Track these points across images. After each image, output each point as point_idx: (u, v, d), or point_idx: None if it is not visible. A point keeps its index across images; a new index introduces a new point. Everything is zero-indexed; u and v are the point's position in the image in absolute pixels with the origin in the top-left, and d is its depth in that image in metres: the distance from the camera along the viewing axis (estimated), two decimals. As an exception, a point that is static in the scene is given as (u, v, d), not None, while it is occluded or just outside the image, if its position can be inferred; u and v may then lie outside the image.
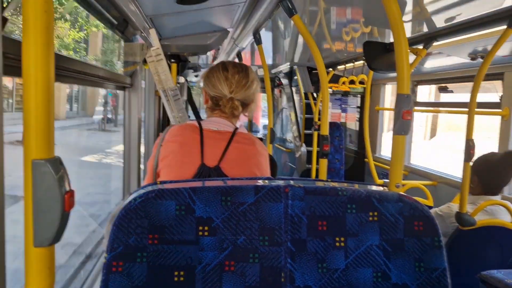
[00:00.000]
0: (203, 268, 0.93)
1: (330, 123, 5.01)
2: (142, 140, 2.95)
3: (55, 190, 0.61)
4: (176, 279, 0.91)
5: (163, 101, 2.50)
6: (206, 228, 0.93)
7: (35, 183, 0.60)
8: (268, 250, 0.95)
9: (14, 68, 0.87)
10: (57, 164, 0.62)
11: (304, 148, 4.89)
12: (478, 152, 2.18)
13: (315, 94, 4.87)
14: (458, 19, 2.12)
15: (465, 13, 2.01)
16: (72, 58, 1.52)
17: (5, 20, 0.81)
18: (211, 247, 0.93)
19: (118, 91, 2.68)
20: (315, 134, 4.24)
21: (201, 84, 1.59)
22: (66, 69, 1.44)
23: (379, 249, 0.98)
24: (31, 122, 0.60)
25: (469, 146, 2.10)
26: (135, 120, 2.58)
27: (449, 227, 2.14)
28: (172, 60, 3.17)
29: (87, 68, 1.70)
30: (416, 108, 4.08)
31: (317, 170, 3.13)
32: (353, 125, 5.42)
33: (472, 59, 2.67)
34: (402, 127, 1.13)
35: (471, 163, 2.14)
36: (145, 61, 2.53)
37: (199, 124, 1.47)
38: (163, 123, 3.79)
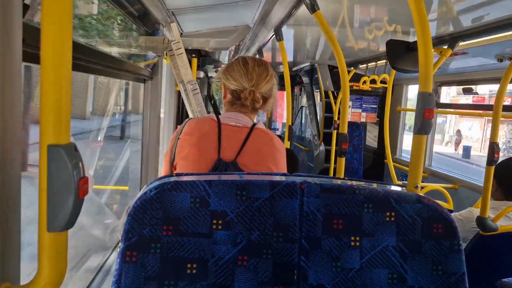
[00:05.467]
0: (216, 262, 0.92)
1: (350, 123, 4.96)
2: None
3: (69, 176, 0.61)
4: (189, 271, 0.91)
5: (182, 95, 2.51)
6: (220, 221, 0.93)
7: (50, 168, 0.61)
8: (281, 247, 0.93)
9: (33, 54, 0.88)
10: (72, 150, 0.62)
11: (322, 147, 4.85)
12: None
13: (335, 93, 4.83)
14: (486, 19, 2.06)
15: (493, 13, 1.95)
16: (93, 48, 1.54)
17: (26, 8, 0.82)
18: (224, 241, 0.92)
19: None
20: (334, 133, 4.20)
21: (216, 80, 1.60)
22: (87, 60, 1.46)
23: (396, 250, 0.95)
24: (48, 108, 0.61)
25: (493, 149, 2.04)
26: (155, 112, 2.60)
27: (469, 232, 2.09)
28: (193, 55, 3.18)
29: (108, 59, 1.72)
30: (439, 109, 4.01)
31: (334, 169, 3.10)
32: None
33: (499, 60, 2.60)
34: (424, 126, 1.11)
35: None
36: (166, 55, 2.54)
37: (218, 118, 1.47)
38: (182, 116, 3.80)
